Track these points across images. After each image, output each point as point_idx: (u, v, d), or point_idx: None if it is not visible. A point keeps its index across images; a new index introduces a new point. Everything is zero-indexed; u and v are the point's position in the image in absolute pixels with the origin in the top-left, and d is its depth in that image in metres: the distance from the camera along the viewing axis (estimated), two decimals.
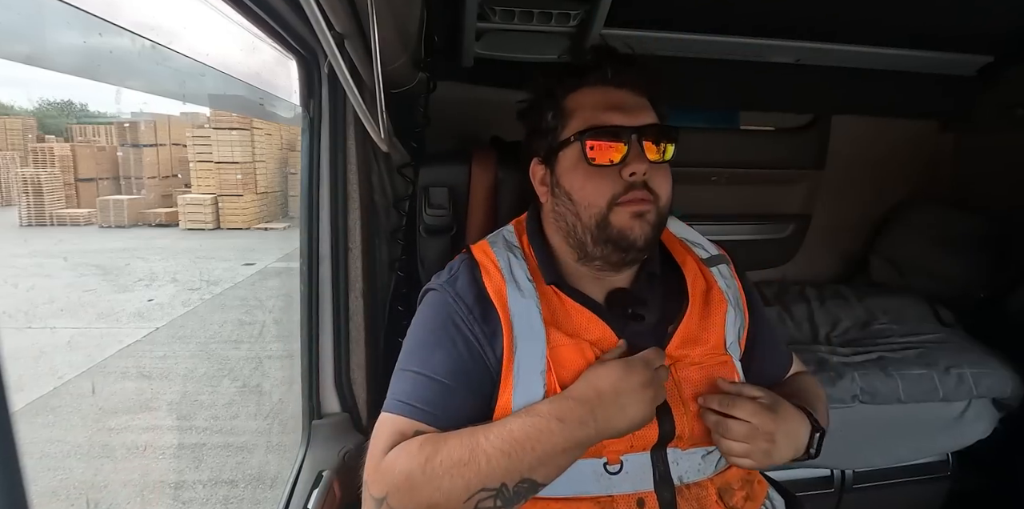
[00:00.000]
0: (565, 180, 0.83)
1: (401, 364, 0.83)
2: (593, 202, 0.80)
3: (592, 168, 0.79)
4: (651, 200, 0.80)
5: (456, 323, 0.82)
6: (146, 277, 5.20)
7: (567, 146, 0.82)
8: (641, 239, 0.80)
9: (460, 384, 0.79)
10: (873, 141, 2.08)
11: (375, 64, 0.76)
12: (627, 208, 0.79)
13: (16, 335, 3.77)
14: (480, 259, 0.88)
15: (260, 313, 4.80)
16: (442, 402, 0.77)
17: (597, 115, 0.81)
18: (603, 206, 0.79)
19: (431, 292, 0.88)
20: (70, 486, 2.75)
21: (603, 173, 0.79)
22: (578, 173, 0.81)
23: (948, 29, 1.49)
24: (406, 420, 0.77)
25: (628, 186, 0.79)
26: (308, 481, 1.09)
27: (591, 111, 0.82)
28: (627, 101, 0.82)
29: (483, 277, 0.84)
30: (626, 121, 0.80)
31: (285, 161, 7.48)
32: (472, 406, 0.79)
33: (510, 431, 0.71)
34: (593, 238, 0.81)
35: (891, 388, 1.60)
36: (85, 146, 6.96)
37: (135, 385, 3.62)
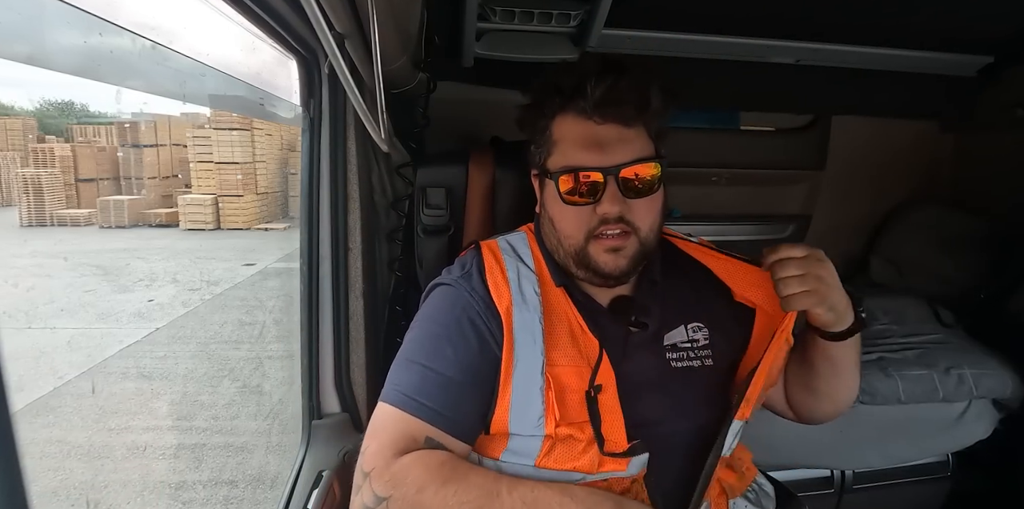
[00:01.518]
0: (548, 206, 0.86)
1: (408, 355, 0.83)
2: (570, 234, 0.83)
3: (565, 205, 0.81)
4: (629, 233, 0.81)
5: (472, 318, 0.83)
6: (146, 277, 5.20)
7: (548, 177, 0.83)
8: (616, 271, 0.82)
9: (469, 382, 0.80)
10: (873, 142, 2.08)
11: (375, 64, 0.76)
12: (602, 243, 0.81)
13: (16, 335, 3.77)
14: (488, 263, 0.88)
15: (260, 313, 4.80)
16: (452, 402, 0.78)
17: (575, 153, 0.81)
18: (580, 239, 0.82)
19: (443, 287, 0.88)
20: (70, 486, 2.75)
21: (578, 209, 0.81)
22: (557, 205, 0.83)
23: (948, 30, 1.49)
24: (416, 421, 0.77)
25: (602, 221, 0.80)
26: (308, 481, 1.09)
27: (570, 147, 0.81)
28: (608, 136, 0.80)
29: (490, 284, 0.85)
30: (603, 161, 0.79)
31: (285, 161, 7.48)
32: (479, 404, 0.80)
33: (535, 498, 0.71)
34: (574, 263, 0.84)
35: (891, 388, 1.60)
36: (85, 146, 6.97)
37: (135, 385, 3.63)
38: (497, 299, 0.83)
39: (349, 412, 1.20)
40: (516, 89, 0.97)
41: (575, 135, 0.81)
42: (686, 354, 0.89)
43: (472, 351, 0.81)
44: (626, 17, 1.35)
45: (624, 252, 0.81)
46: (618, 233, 0.80)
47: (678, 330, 0.90)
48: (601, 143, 0.79)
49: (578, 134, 0.81)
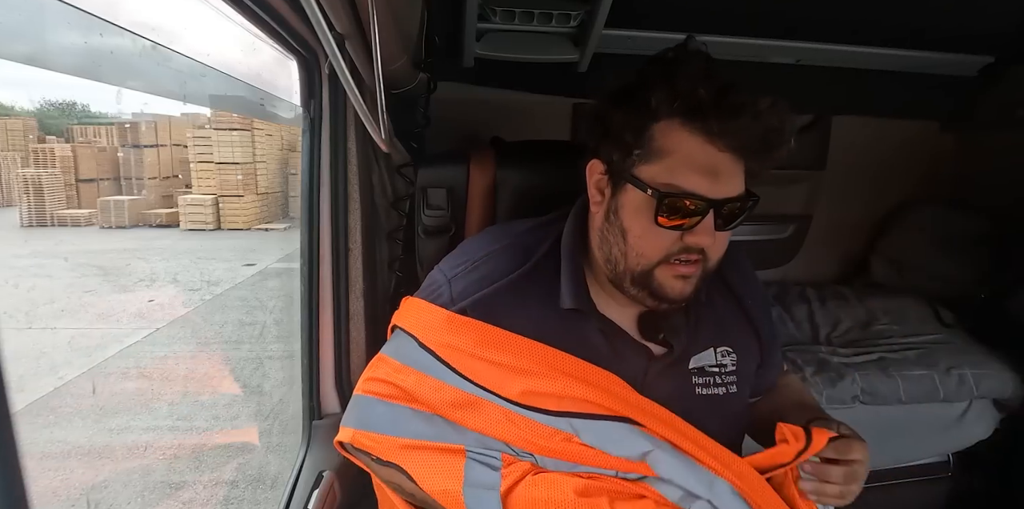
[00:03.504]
0: (624, 216, 0.75)
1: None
2: (645, 254, 0.74)
3: (655, 226, 0.72)
4: (699, 261, 0.74)
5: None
6: (147, 278, 5.20)
7: (638, 186, 0.72)
8: (680, 298, 0.76)
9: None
10: (874, 141, 2.08)
11: (376, 64, 0.75)
12: (674, 268, 0.74)
13: (17, 335, 3.77)
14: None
15: (261, 314, 4.80)
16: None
17: (689, 176, 0.70)
18: (654, 261, 0.74)
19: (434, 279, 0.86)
20: (71, 486, 2.75)
21: (665, 232, 0.72)
22: (640, 221, 0.73)
23: (949, 29, 1.49)
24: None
25: (684, 248, 0.73)
26: (308, 481, 1.09)
27: (683, 167, 0.70)
28: (723, 166, 0.71)
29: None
30: (713, 191, 0.70)
31: (286, 162, 7.47)
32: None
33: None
34: (632, 281, 0.76)
35: (892, 389, 1.60)
36: (86, 147, 6.96)
37: (136, 385, 3.63)
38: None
39: None
40: (516, 89, 0.96)
41: (692, 155, 0.70)
42: (712, 380, 0.84)
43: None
44: (626, 17, 1.35)
45: (692, 279, 0.75)
46: (693, 261, 0.74)
47: (707, 353, 0.84)
48: (716, 171, 0.70)
49: (696, 155, 0.70)
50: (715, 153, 0.70)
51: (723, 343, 0.85)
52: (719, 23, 1.47)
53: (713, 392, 0.83)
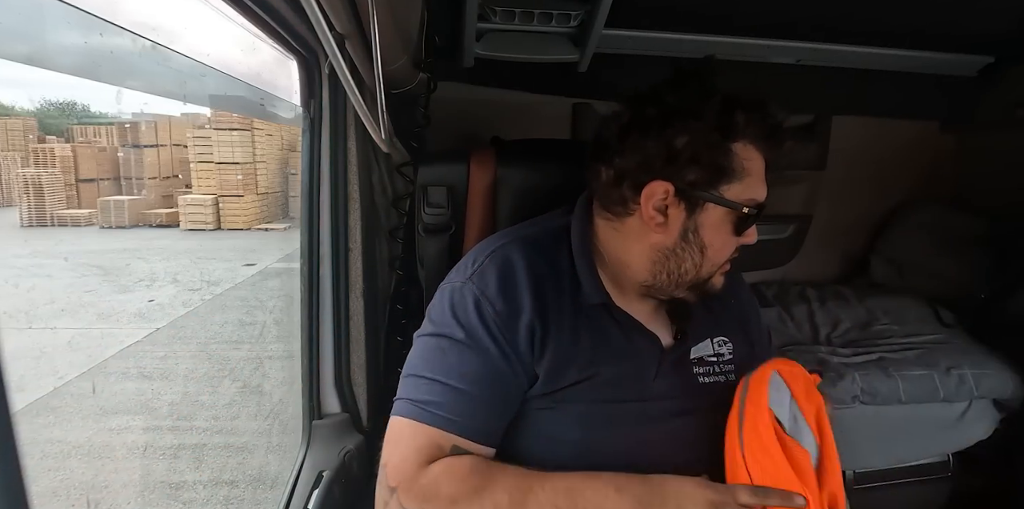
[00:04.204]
0: (706, 233, 0.80)
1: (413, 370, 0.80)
2: (717, 262, 0.83)
3: (733, 236, 0.81)
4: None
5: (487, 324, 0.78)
6: (147, 278, 5.20)
7: (728, 207, 0.79)
8: (720, 289, 0.86)
9: (486, 395, 0.77)
10: (874, 141, 2.08)
11: (376, 64, 0.76)
12: (725, 267, 0.85)
13: (17, 335, 3.77)
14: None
15: (261, 313, 4.80)
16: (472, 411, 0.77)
17: (758, 189, 0.81)
18: (719, 265, 0.83)
19: (452, 287, 0.83)
20: (71, 486, 2.75)
21: (735, 240, 0.82)
22: (722, 234, 0.81)
23: (949, 30, 1.49)
24: (438, 431, 0.75)
25: (736, 250, 0.84)
26: (308, 481, 1.09)
27: (756, 181, 0.80)
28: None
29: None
30: (764, 196, 0.82)
31: (286, 162, 7.47)
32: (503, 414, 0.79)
33: (568, 489, 0.71)
34: (692, 286, 0.83)
35: (892, 389, 1.59)
36: (86, 147, 6.96)
37: (136, 385, 3.63)
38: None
39: (349, 412, 1.21)
40: (516, 89, 0.96)
41: (760, 171, 0.81)
42: (712, 369, 0.88)
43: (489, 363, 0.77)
44: (626, 17, 1.35)
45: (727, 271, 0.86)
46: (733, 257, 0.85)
47: (704, 343, 0.89)
48: (764, 180, 0.82)
49: (761, 169, 0.81)
50: (763, 163, 0.81)
51: (718, 333, 0.90)
52: (719, 23, 1.47)
53: (715, 380, 0.87)
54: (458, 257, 1.12)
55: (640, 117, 0.79)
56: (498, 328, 0.78)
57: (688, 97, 0.78)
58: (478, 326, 0.78)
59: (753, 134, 0.78)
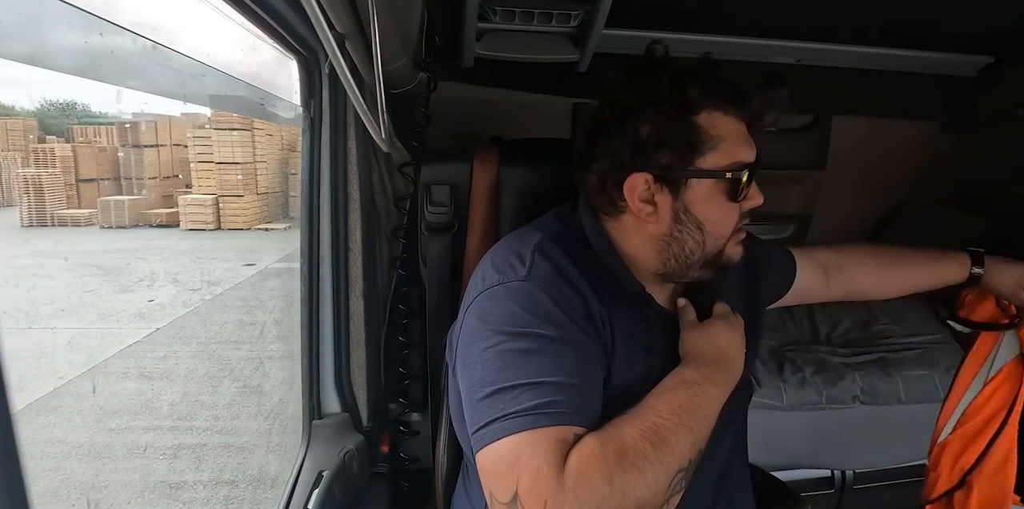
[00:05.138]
0: (699, 209, 0.79)
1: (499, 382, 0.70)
2: (723, 234, 0.81)
3: (730, 203, 0.80)
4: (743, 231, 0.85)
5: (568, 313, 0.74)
6: (147, 278, 5.20)
7: (710, 177, 0.78)
8: (739, 261, 0.85)
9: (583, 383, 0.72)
10: (874, 142, 2.08)
11: (376, 64, 0.76)
12: (738, 236, 0.84)
13: (17, 335, 3.77)
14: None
15: (261, 313, 4.80)
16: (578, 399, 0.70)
17: (741, 150, 0.80)
18: (727, 237, 0.82)
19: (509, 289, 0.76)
20: (71, 486, 2.75)
21: (734, 206, 0.81)
22: (716, 205, 0.80)
23: (949, 30, 1.49)
24: (555, 428, 0.66)
25: (742, 216, 0.83)
26: (308, 481, 1.09)
27: (735, 144, 0.79)
28: (748, 134, 0.83)
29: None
30: (752, 156, 0.81)
31: (286, 162, 7.48)
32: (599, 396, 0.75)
33: (680, 405, 0.70)
34: (704, 264, 0.82)
35: (892, 389, 1.60)
36: (86, 147, 6.97)
37: (136, 385, 3.63)
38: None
39: (349, 412, 1.21)
40: (516, 89, 0.96)
41: (737, 132, 0.80)
42: None
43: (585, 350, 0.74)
44: (627, 17, 1.34)
45: (745, 241, 0.86)
46: (746, 224, 0.84)
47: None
48: (750, 140, 0.82)
49: (739, 131, 0.81)
50: (741, 125, 0.81)
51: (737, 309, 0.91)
52: (719, 23, 1.47)
53: None
54: (461, 255, 1.12)
55: (601, 119, 0.81)
56: (582, 317, 0.75)
57: (640, 88, 0.80)
58: (562, 318, 0.73)
59: (713, 102, 0.78)
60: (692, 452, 0.68)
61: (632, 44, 1.49)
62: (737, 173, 0.78)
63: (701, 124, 0.77)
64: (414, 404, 1.33)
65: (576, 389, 0.70)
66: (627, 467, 0.63)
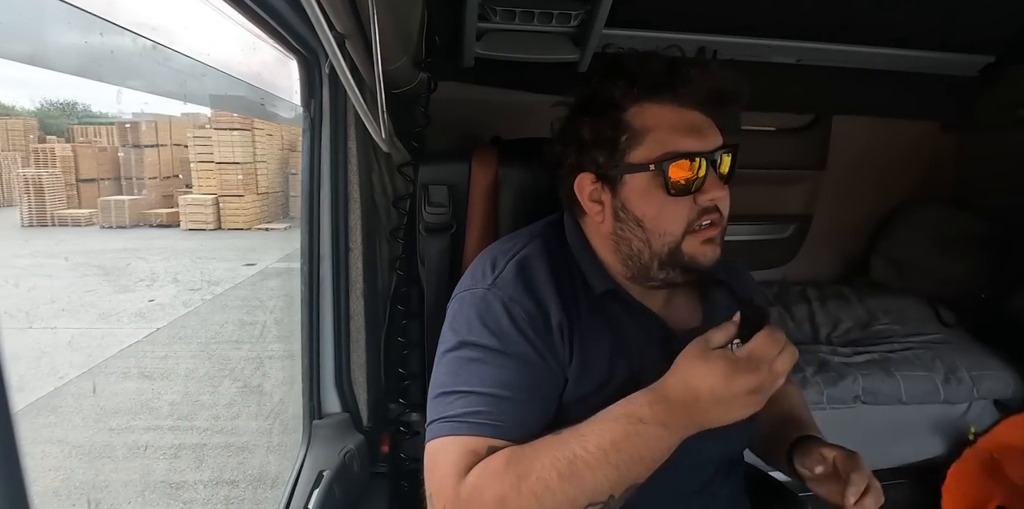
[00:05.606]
0: (635, 206, 0.77)
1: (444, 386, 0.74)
2: (668, 231, 0.76)
3: (669, 197, 0.74)
4: (720, 222, 0.77)
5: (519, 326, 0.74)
6: (147, 277, 5.20)
7: (640, 171, 0.75)
8: (712, 262, 0.77)
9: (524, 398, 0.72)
10: (874, 141, 2.08)
11: (376, 64, 0.76)
12: (699, 235, 0.76)
13: (17, 335, 3.77)
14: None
15: (261, 313, 4.80)
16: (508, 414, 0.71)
17: (675, 139, 0.74)
18: (677, 234, 0.76)
19: (475, 295, 0.78)
20: (71, 486, 2.75)
21: (679, 201, 0.75)
22: (652, 200, 0.75)
23: (949, 29, 1.49)
24: (471, 438, 0.69)
25: (702, 211, 0.76)
26: (309, 481, 1.09)
27: (667, 134, 0.75)
28: (699, 122, 0.76)
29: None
30: (701, 146, 0.75)
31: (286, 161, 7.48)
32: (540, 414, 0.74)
33: (612, 441, 0.65)
34: (660, 263, 0.77)
35: (892, 389, 1.60)
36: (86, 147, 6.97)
37: (136, 385, 3.63)
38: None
39: (350, 412, 1.21)
40: (516, 89, 0.96)
41: (672, 122, 0.75)
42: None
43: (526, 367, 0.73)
44: (626, 17, 1.35)
45: (716, 240, 0.77)
46: (714, 222, 0.76)
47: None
48: (697, 127, 0.76)
49: (675, 120, 0.75)
50: (686, 113, 0.76)
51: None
52: (720, 23, 1.47)
53: None
54: (459, 256, 1.12)
55: (556, 132, 0.84)
56: (532, 330, 0.74)
57: (584, 93, 0.81)
58: (511, 331, 0.74)
59: (641, 93, 0.76)
60: (615, 489, 0.65)
61: (632, 44, 1.49)
62: (663, 164, 0.73)
63: (627, 118, 0.76)
64: (414, 404, 1.33)
65: (507, 402, 0.71)
66: (523, 492, 0.64)
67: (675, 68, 0.75)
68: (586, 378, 0.76)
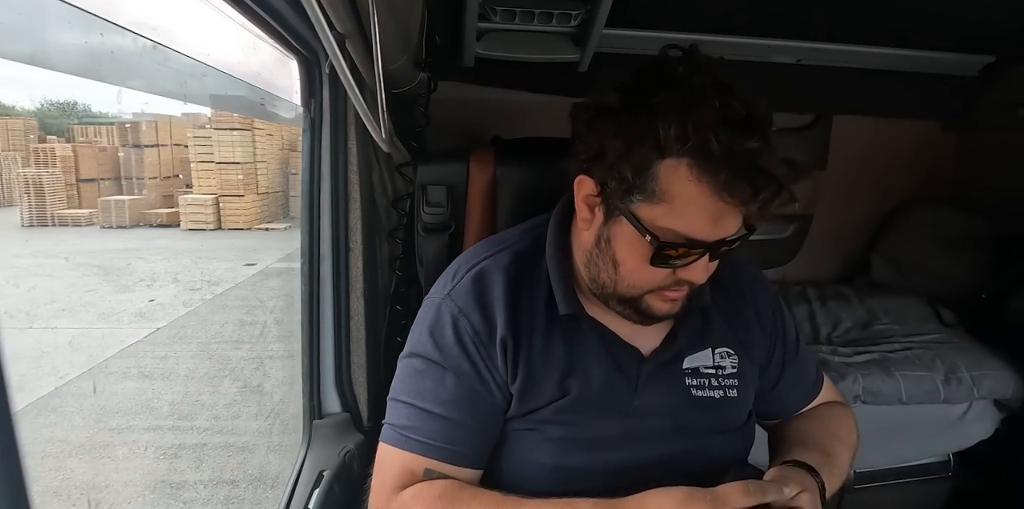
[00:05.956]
0: (618, 248, 0.71)
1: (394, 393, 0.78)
2: (636, 285, 0.72)
3: (647, 264, 0.69)
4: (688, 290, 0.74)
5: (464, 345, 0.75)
6: (147, 277, 5.21)
7: (639, 229, 0.67)
8: (666, 317, 0.75)
9: (462, 419, 0.74)
10: (875, 141, 2.08)
11: (376, 64, 0.76)
12: (663, 295, 0.72)
13: (18, 335, 3.78)
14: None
15: (261, 313, 4.80)
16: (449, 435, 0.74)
17: (691, 224, 0.65)
18: (643, 290, 0.72)
19: (432, 304, 0.79)
20: (72, 486, 2.75)
21: (658, 270, 0.70)
22: (634, 257, 0.70)
23: (950, 29, 1.49)
24: (411, 455, 0.73)
25: (675, 282, 0.71)
26: (309, 481, 1.09)
27: (687, 215, 0.65)
28: (723, 212, 0.65)
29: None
30: (709, 235, 0.67)
31: (286, 161, 7.48)
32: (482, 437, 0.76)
33: None
34: (618, 301, 0.75)
35: (893, 389, 1.59)
36: (87, 147, 6.98)
37: (136, 385, 3.63)
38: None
39: (350, 412, 1.21)
40: (517, 89, 0.95)
41: (696, 204, 0.64)
42: (708, 382, 0.80)
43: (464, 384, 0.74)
44: (627, 17, 1.34)
45: (679, 302, 0.74)
46: (682, 289, 0.73)
47: (703, 353, 0.81)
48: (718, 219, 0.66)
49: (701, 205, 0.64)
50: (720, 204, 0.64)
51: (723, 344, 0.82)
52: (720, 23, 1.47)
53: (708, 395, 0.80)
54: (457, 256, 1.12)
55: (592, 115, 0.72)
56: (475, 346, 0.75)
57: (632, 94, 0.67)
58: (454, 345, 0.75)
59: (689, 151, 0.62)
60: None
61: (633, 44, 1.49)
62: (663, 245, 0.66)
63: (659, 172, 0.64)
64: None
65: (440, 421, 0.74)
66: None
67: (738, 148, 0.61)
68: (531, 396, 0.75)
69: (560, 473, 0.75)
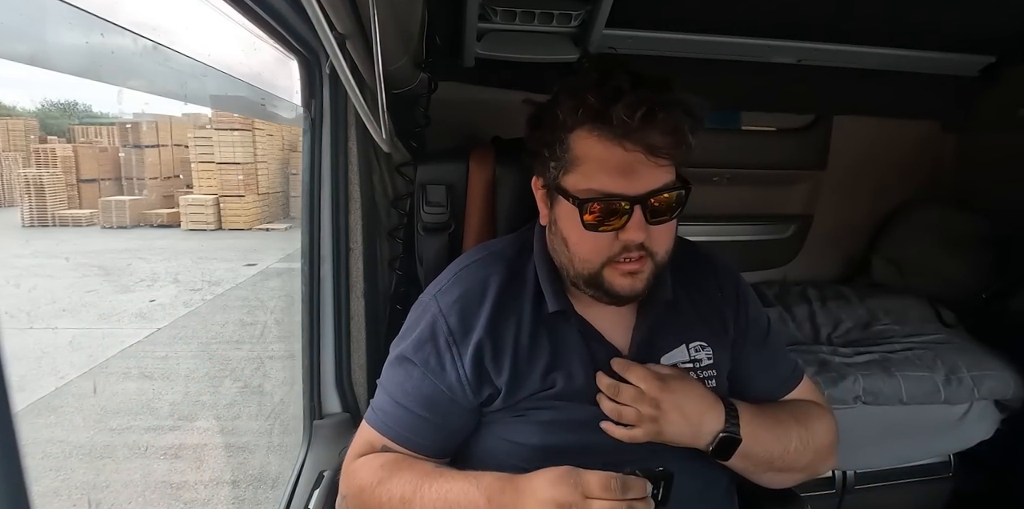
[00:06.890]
0: (562, 226, 0.79)
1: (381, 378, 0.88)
2: (587, 258, 0.77)
3: (583, 229, 0.75)
4: (646, 257, 0.76)
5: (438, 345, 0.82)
6: (148, 278, 5.21)
7: (565, 197, 0.76)
8: (632, 294, 0.78)
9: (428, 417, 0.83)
10: (875, 141, 2.08)
11: (376, 64, 0.76)
12: (619, 267, 0.76)
13: (18, 335, 3.77)
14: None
15: (262, 313, 4.80)
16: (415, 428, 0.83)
17: (603, 178, 0.72)
18: (596, 264, 0.77)
19: (421, 301, 0.88)
20: (72, 486, 2.75)
21: (599, 235, 0.75)
22: (574, 228, 0.76)
23: (950, 29, 1.49)
24: (374, 433, 0.84)
25: (623, 248, 0.75)
26: (309, 481, 1.09)
27: (597, 170, 0.73)
28: (635, 162, 0.71)
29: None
30: (631, 188, 0.72)
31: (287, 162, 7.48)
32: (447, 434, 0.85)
33: (447, 491, 0.74)
34: (584, 283, 0.79)
35: (893, 389, 1.59)
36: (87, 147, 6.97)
37: (137, 385, 3.63)
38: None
39: (350, 412, 1.21)
40: (517, 89, 0.96)
41: (602, 158, 0.72)
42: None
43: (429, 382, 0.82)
44: (627, 17, 1.34)
45: (641, 275, 0.77)
46: (636, 258, 0.76)
47: (678, 350, 0.86)
48: (629, 169, 0.72)
49: (605, 158, 0.72)
50: (624, 153, 0.71)
51: (695, 338, 0.87)
52: (720, 23, 1.47)
53: None
54: (457, 256, 1.12)
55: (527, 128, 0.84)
56: (447, 346, 0.81)
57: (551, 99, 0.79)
58: (427, 343, 0.82)
59: (584, 118, 0.72)
60: None
61: (633, 44, 1.49)
62: (582, 201, 0.73)
63: (569, 143, 0.75)
64: None
65: (400, 409, 0.83)
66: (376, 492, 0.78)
67: (617, 96, 0.70)
68: (518, 390, 0.81)
69: (543, 453, 0.79)
